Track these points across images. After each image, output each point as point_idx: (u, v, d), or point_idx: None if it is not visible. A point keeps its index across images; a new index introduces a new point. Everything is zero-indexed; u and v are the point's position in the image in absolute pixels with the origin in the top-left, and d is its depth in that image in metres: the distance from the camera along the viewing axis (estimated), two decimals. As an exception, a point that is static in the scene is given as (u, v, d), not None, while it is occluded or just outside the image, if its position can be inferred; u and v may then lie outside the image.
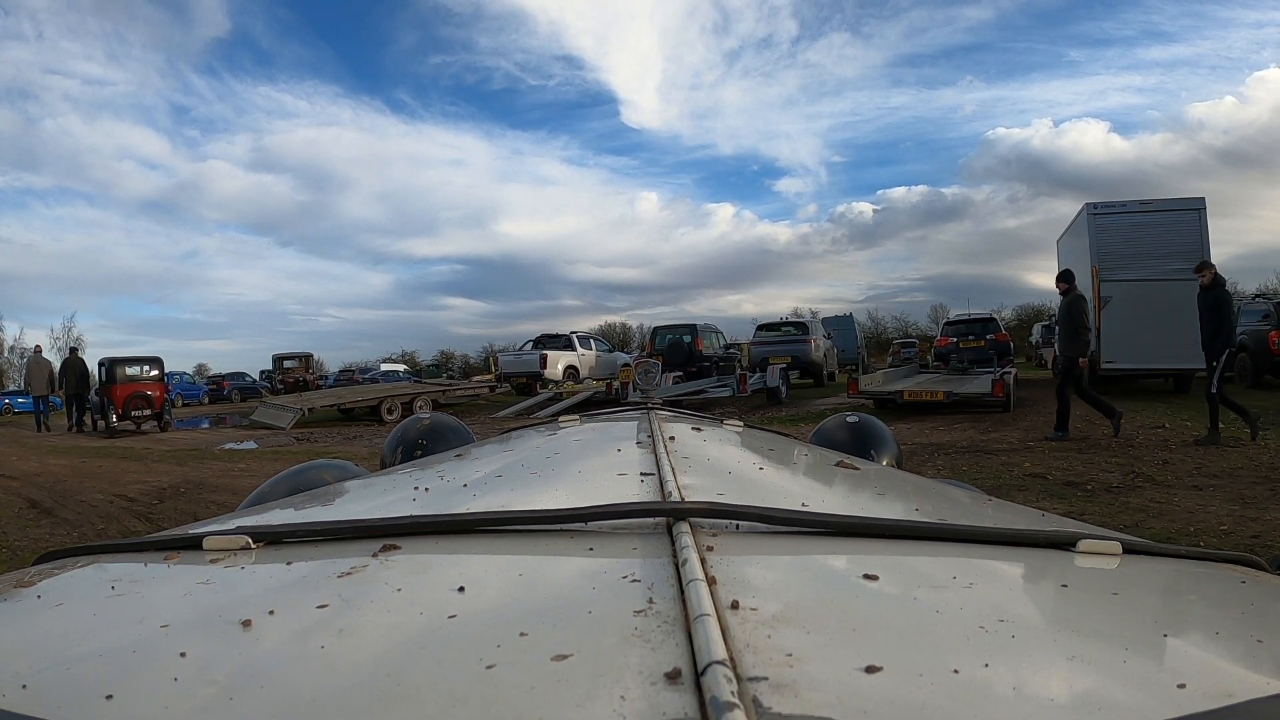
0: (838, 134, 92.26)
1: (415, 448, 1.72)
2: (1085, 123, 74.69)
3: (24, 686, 0.37)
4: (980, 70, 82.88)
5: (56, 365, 14.24)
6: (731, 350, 16.55)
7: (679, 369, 14.13)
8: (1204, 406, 6.88)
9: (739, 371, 13.24)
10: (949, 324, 17.77)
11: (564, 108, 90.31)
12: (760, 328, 17.22)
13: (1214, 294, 6.88)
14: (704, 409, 4.99)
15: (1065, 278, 7.54)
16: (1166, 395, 10.80)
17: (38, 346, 15.87)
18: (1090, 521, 0.82)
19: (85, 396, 14.47)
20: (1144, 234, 10.52)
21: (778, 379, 12.63)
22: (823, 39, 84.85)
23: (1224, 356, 6.72)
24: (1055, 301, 9.23)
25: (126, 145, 70.84)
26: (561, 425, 1.53)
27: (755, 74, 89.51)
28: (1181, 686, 0.35)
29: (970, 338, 16.17)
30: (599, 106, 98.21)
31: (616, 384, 12.88)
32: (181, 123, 73.97)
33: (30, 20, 60.04)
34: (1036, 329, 27.22)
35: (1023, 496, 4.71)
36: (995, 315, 19.48)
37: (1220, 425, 6.72)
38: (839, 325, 24.18)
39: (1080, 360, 7.29)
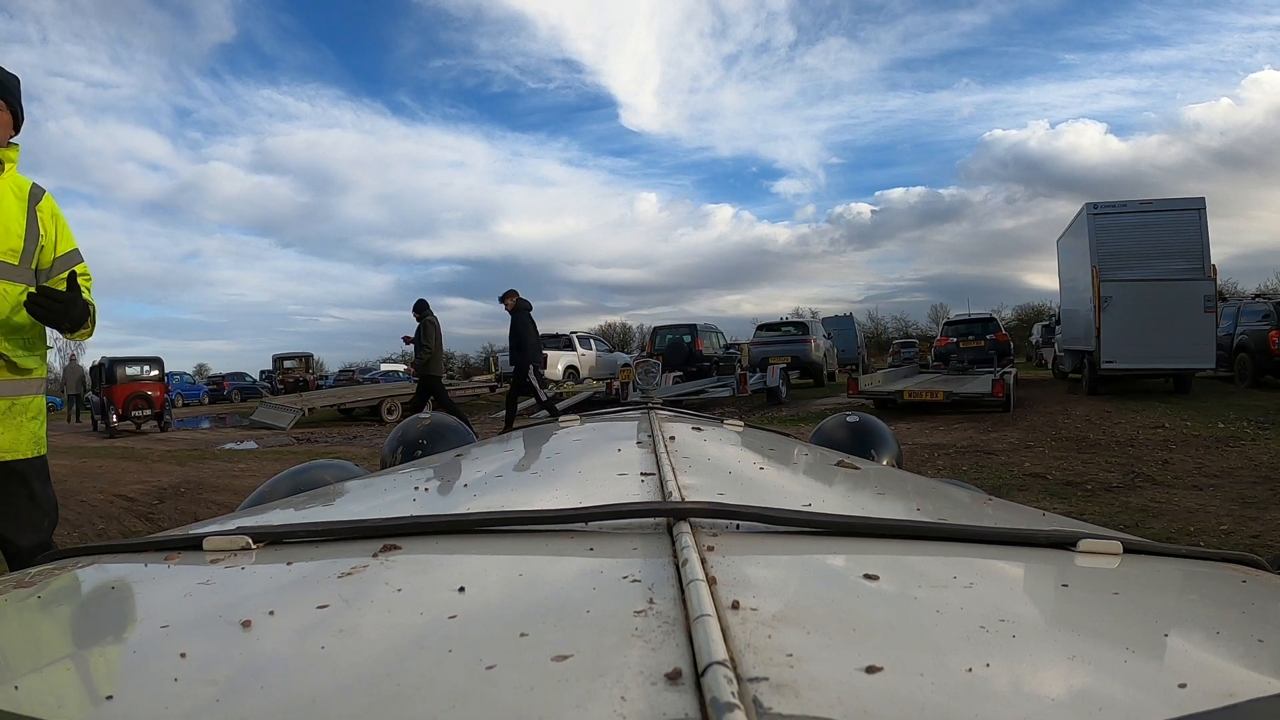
0: (835, 136, 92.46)
1: (415, 448, 1.72)
2: (1081, 124, 74.86)
3: (24, 686, 0.37)
4: (976, 73, 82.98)
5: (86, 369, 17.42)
6: (731, 350, 16.54)
7: (679, 369, 14.12)
8: (1205, 405, 6.94)
9: (739, 371, 13.21)
10: (949, 324, 17.78)
11: (563, 110, 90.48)
12: (760, 328, 17.19)
13: (514, 317, 8.25)
14: (704, 409, 4.98)
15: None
16: (1166, 395, 10.79)
17: (72, 355, 21.04)
18: (1090, 521, 0.82)
19: None
20: (1144, 234, 10.53)
21: (778, 379, 12.62)
22: (820, 44, 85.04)
23: (530, 370, 8.17)
24: (1055, 301, 9.28)
25: (129, 147, 71.03)
26: (561, 425, 1.53)
27: (753, 78, 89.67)
28: (1182, 686, 0.35)
29: (970, 338, 16.20)
30: (598, 109, 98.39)
31: (616, 384, 12.87)
32: (184, 125, 74.25)
33: (35, 24, 60.13)
34: (1036, 329, 27.24)
35: (1023, 496, 4.71)
36: (995, 315, 19.50)
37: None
38: (839, 325, 24.16)
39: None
